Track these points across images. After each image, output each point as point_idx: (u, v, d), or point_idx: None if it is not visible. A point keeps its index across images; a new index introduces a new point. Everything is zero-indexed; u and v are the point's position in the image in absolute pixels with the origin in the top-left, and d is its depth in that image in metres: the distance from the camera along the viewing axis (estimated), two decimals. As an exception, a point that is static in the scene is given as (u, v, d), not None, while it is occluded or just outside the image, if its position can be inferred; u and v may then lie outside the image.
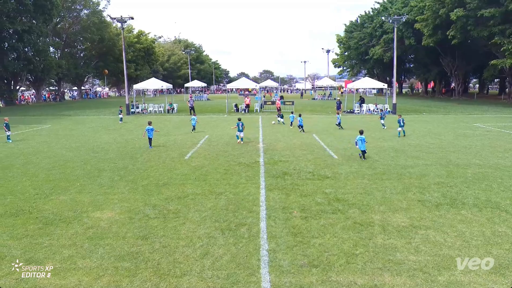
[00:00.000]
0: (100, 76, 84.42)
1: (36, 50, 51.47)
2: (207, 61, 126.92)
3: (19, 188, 10.67)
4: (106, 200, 9.50)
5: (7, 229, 7.65)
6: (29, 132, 23.20)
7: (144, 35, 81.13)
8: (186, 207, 8.92)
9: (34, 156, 15.40)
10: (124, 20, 36.80)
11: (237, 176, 11.68)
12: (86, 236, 7.32)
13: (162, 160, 14.20)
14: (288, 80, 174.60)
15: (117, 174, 12.10)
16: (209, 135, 20.87)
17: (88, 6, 66.24)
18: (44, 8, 47.90)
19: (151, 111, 38.61)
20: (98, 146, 17.67)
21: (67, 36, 65.95)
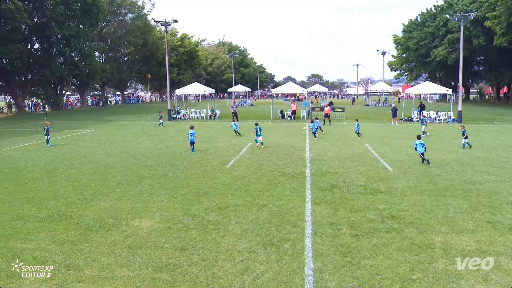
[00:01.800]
0: (142, 80, 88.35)
1: (82, 55, 55.03)
2: (251, 65, 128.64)
3: (62, 192, 11.38)
4: (145, 208, 9.86)
5: (49, 234, 8.17)
6: (73, 137, 24.72)
7: (188, 38, 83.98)
8: (227, 218, 9.02)
9: (77, 161, 16.38)
10: (168, 23, 38.37)
11: (281, 188, 11.65)
12: (124, 244, 7.62)
13: (203, 168, 14.51)
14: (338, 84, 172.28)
15: (157, 182, 12.53)
16: (252, 143, 21.04)
17: (133, 10, 69.88)
18: (90, 13, 51.20)
19: (192, 116, 39.70)
20: (139, 152, 18.44)
21: (112, 41, 69.89)
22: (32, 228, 8.52)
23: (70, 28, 49.58)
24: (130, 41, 70.73)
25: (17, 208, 9.90)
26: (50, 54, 51.37)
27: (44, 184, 12.39)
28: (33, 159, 16.82)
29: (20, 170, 14.58)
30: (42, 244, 7.66)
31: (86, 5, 49.53)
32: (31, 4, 44.38)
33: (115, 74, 69.17)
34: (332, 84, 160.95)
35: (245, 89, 71.27)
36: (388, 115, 36.62)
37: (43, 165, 15.59)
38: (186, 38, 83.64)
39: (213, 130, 27.62)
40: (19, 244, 7.66)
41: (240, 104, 62.08)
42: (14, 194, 11.28)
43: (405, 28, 76.28)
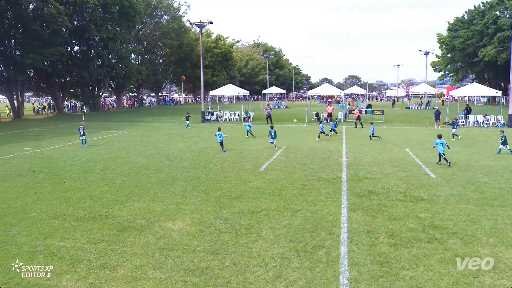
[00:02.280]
0: (177, 82, 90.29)
1: (119, 57, 57.05)
2: (287, 66, 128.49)
3: (98, 192, 11.81)
4: (178, 210, 10.05)
5: (85, 233, 8.50)
6: (109, 138, 25.63)
7: (222, 40, 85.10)
8: (259, 223, 9.04)
9: (112, 161, 16.96)
10: (203, 24, 39.05)
11: (316, 193, 11.54)
12: (157, 246, 7.80)
13: (236, 171, 14.62)
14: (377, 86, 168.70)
15: (190, 184, 12.75)
16: (287, 146, 20.98)
17: (169, 12, 71.65)
18: (128, 15, 52.98)
19: (226, 118, 40.12)
20: (172, 154, 18.84)
21: (148, 43, 71.96)
22: (69, 227, 8.90)
23: (108, 30, 51.50)
24: (166, 43, 72.51)
25: (55, 207, 10.38)
26: (88, 56, 53.59)
27: (81, 184, 12.91)
28: (71, 159, 17.58)
29: (58, 170, 15.28)
30: (78, 243, 7.99)
31: (124, 8, 51.27)
32: (72, 8, 46.44)
33: (150, 76, 71.10)
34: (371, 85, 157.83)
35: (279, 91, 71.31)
36: (430, 119, 35.46)
37: (80, 165, 16.26)
38: (221, 39, 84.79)
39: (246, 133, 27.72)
40: (57, 242, 8.02)
41: (274, 106, 62.13)
42: (52, 193, 11.83)
43: (450, 27, 73.60)
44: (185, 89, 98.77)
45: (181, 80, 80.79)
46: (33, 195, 11.59)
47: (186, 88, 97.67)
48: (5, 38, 44.64)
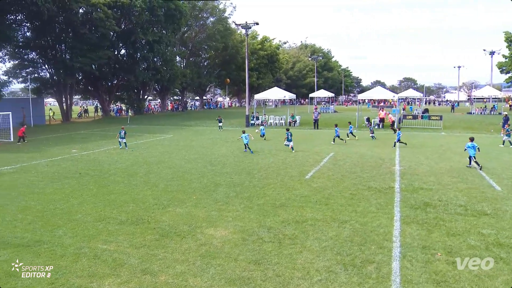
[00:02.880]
0: (221, 85, 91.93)
1: (164, 60, 59.04)
2: (336, 68, 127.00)
3: (141, 196, 12.23)
4: (220, 217, 10.18)
5: (128, 237, 8.82)
6: (153, 141, 26.50)
7: (268, 41, 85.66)
8: (304, 233, 8.95)
9: (156, 165, 17.52)
10: (248, 26, 39.54)
11: (366, 203, 11.27)
12: (198, 253, 7.94)
13: (281, 178, 14.60)
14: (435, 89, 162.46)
15: (233, 190, 12.88)
16: (335, 152, 20.68)
17: (214, 14, 73.24)
18: (173, 18, 54.76)
19: (271, 123, 40.23)
20: (215, 159, 19.15)
21: (193, 45, 73.90)
22: (112, 230, 9.28)
23: (154, 33, 53.49)
24: (211, 45, 74.13)
25: (99, 210, 10.86)
26: (134, 60, 55.91)
27: (125, 187, 13.43)
28: (116, 162, 18.35)
29: (103, 173, 16.00)
30: (121, 246, 8.30)
31: (170, 11, 53.06)
32: (119, 11, 48.73)
33: (194, 79, 72.86)
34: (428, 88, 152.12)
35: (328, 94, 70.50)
36: (496, 125, 33.58)
37: (124, 168, 16.93)
38: (267, 41, 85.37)
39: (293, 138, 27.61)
40: (100, 245, 8.38)
41: (322, 110, 61.55)
42: (97, 195, 12.40)
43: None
44: (230, 92, 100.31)
45: (226, 83, 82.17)
46: (79, 197, 12.21)
47: (231, 91, 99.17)
48: (56, 42, 47.62)
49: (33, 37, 46.76)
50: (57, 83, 49.06)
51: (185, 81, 69.66)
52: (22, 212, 10.69)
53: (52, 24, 43.71)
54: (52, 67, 48.92)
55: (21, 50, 47.36)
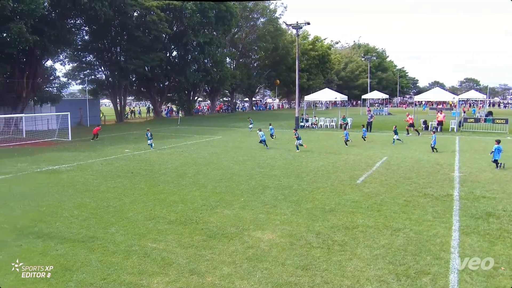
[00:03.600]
0: (271, 86, 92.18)
1: (214, 61, 60.22)
2: (390, 68, 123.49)
3: (190, 197, 12.54)
4: (268, 220, 10.21)
5: (176, 237, 9.07)
6: (202, 143, 27.08)
7: (320, 41, 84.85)
8: (355, 240, 8.77)
9: (204, 166, 17.89)
10: (299, 26, 39.42)
11: (421, 211, 10.85)
12: (245, 255, 8.01)
13: (330, 182, 14.40)
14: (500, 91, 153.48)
15: (281, 193, 12.88)
16: (388, 156, 20.09)
17: (265, 14, 73.69)
18: (224, 20, 55.73)
19: (321, 125, 39.80)
20: (264, 161, 19.24)
21: (243, 46, 74.77)
22: (162, 229, 9.58)
23: (205, 35, 54.69)
24: (261, 46, 74.61)
25: (149, 209, 11.26)
26: (185, 61, 57.47)
27: (174, 188, 13.83)
28: (166, 163, 18.94)
29: (154, 172, 16.57)
30: (169, 246, 8.55)
31: (220, 12, 54.06)
32: (172, 14, 50.32)
33: (244, 80, 73.65)
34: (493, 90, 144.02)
35: (382, 96, 68.72)
36: None
37: (174, 168, 17.43)
38: (318, 41, 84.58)
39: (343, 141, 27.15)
40: (150, 243, 8.68)
41: (375, 112, 60.06)
42: (148, 195, 12.86)
43: None
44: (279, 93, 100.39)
45: (275, 84, 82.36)
46: (130, 196, 12.73)
47: (280, 93, 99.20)
48: (112, 45, 50.11)
49: (91, 40, 49.45)
50: (112, 84, 51.56)
51: (234, 83, 70.62)
52: (78, 209, 11.31)
53: (108, 28, 45.95)
54: (107, 69, 51.55)
55: (79, 53, 50.31)
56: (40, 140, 29.49)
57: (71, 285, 6.85)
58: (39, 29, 31.23)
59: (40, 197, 12.71)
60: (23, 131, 33.62)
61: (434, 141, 21.68)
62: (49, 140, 29.64)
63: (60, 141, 29.15)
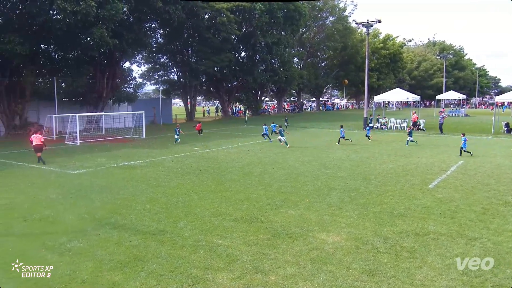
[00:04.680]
0: (339, 86, 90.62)
1: (282, 61, 60.47)
2: (469, 67, 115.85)
3: (255, 196, 12.69)
4: (333, 222, 10.05)
5: (241, 234, 9.22)
6: (268, 142, 27.24)
7: (391, 40, 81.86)
8: (425, 247, 8.35)
9: (270, 166, 18.01)
10: (370, 24, 38.30)
11: (501, 220, 10.07)
12: (309, 257, 7.94)
13: (400, 186, 13.85)
14: None
15: (347, 195, 12.61)
16: (464, 160, 18.89)
17: (334, 13, 72.51)
18: (292, 19, 55.69)
19: (391, 126, 38.39)
20: (330, 162, 18.95)
21: (311, 46, 74.17)
22: (227, 226, 9.80)
23: (273, 35, 55.04)
24: (329, 46, 73.60)
25: (216, 206, 11.56)
26: (253, 62, 58.26)
27: (240, 186, 14.08)
28: (233, 161, 19.33)
29: (221, 170, 16.99)
30: (234, 243, 8.72)
31: (289, 12, 54.09)
32: (241, 15, 51.27)
33: (311, 80, 73.09)
34: None
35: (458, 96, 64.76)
36: None
37: (241, 167, 17.74)
38: (390, 39, 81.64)
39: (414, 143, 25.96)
40: (216, 239, 8.91)
41: (451, 113, 56.81)
42: (215, 192, 13.22)
43: None
44: (347, 93, 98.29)
45: (344, 84, 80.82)
46: (198, 193, 13.15)
47: (349, 93, 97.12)
48: (184, 46, 52.17)
49: (165, 42, 51.85)
50: (183, 84, 53.69)
51: (302, 82, 70.36)
52: (149, 203, 11.91)
53: (181, 30, 47.85)
54: (179, 70, 53.82)
55: (154, 54, 53.03)
56: (117, 137, 31.45)
57: (142, 275, 7.22)
58: (118, 33, 33.28)
59: (117, 190, 13.56)
60: (103, 129, 36.12)
61: (464, 144, 20.53)
62: (125, 137, 31.51)
63: (135, 139, 30.87)
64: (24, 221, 10.36)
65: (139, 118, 34.48)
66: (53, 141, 29.25)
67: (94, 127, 35.37)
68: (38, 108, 36.42)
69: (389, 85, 78.90)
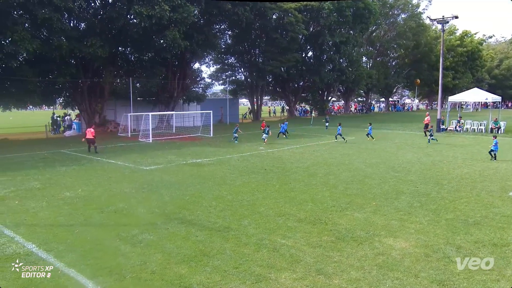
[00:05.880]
0: (411, 86, 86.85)
1: (350, 61, 59.24)
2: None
3: (319, 197, 12.55)
4: (401, 227, 9.66)
5: (305, 235, 9.16)
6: (333, 143, 26.80)
7: (469, 36, 76.80)
8: (504, 259, 7.76)
9: (335, 167, 17.71)
10: (446, 20, 36.33)
11: None
12: (375, 262, 7.70)
13: (476, 192, 12.97)
14: None
15: (417, 200, 12.05)
16: (552, 167, 17.27)
17: (407, 10, 69.65)
18: (362, 18, 54.28)
19: (467, 129, 36.07)
20: (399, 165, 18.22)
21: (381, 44, 71.83)
22: (291, 226, 9.78)
23: (341, 34, 54.08)
24: (400, 44, 70.86)
25: (280, 205, 11.59)
26: (320, 61, 57.64)
27: (305, 187, 13.98)
28: (297, 161, 19.26)
29: (286, 170, 16.99)
30: (298, 243, 8.68)
31: (358, 10, 52.79)
32: (309, 15, 50.93)
33: (381, 80, 70.85)
34: None
35: (546, 97, 59.27)
36: None
37: (305, 168, 17.62)
38: (467, 36, 76.65)
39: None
40: (279, 239, 8.93)
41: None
42: (279, 192, 13.25)
43: None
44: (419, 93, 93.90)
45: (416, 84, 77.28)
46: (263, 192, 13.27)
47: (421, 93, 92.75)
48: (251, 47, 52.90)
49: (233, 43, 52.95)
50: (250, 85, 54.48)
51: (370, 82, 68.45)
52: (215, 200, 12.22)
53: (249, 31, 48.61)
54: (247, 70, 54.69)
55: (222, 55, 54.33)
56: (186, 135, 32.66)
57: (207, 270, 7.43)
58: (189, 35, 34.54)
59: (185, 186, 14.07)
60: (173, 127, 37.69)
61: (495, 147, 19.12)
62: (194, 136, 32.62)
63: (203, 137, 31.84)
64: (101, 212, 11.10)
65: (207, 117, 35.54)
66: (128, 138, 31.08)
67: (165, 125, 37.02)
68: (115, 107, 38.94)
69: (466, 84, 74.20)
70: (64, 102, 39.77)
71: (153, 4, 28.46)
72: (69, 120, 38.46)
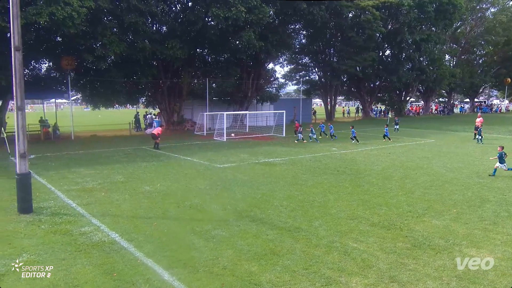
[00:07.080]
0: (499, 86, 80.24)
1: (431, 59, 56.06)
2: None
3: (395, 201, 12.05)
4: (485, 237, 8.98)
5: (378, 240, 8.86)
6: (411, 145, 25.60)
7: None
8: None
9: (413, 171, 16.89)
10: (543, 13, 33.00)
11: None
12: (455, 273, 7.24)
13: None
14: None
15: (505, 209, 11.12)
16: None
17: (497, 3, 64.43)
18: (445, 13, 51.08)
19: None
20: (485, 170, 16.91)
21: (466, 41, 67.16)
22: (363, 230, 9.51)
23: (422, 32, 51.39)
24: (489, 40, 65.62)
25: (353, 208, 11.31)
26: (398, 60, 55.22)
27: (379, 190, 13.51)
28: (372, 164, 18.66)
29: (359, 173, 16.54)
30: (370, 248, 8.41)
31: (441, 6, 49.72)
32: (387, 12, 49.07)
33: (465, 79, 66.32)
34: None
35: None
36: None
37: (380, 170, 17.02)
38: None
39: None
40: (351, 242, 8.72)
41: None
42: (352, 194, 12.94)
43: None
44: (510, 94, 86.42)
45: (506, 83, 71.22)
46: (335, 193, 13.04)
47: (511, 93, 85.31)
48: (326, 47, 52.24)
49: (307, 43, 52.64)
50: (324, 84, 53.83)
51: (453, 82, 64.25)
52: (286, 200, 12.24)
53: (324, 30, 48.00)
54: (321, 70, 54.13)
55: (296, 56, 54.26)
56: (259, 134, 33.08)
57: (277, 269, 7.47)
58: (264, 35, 34.91)
59: (257, 185, 14.27)
60: (247, 126, 38.36)
61: None
62: (267, 135, 32.94)
63: (276, 137, 32.03)
64: (178, 207, 11.63)
65: (280, 117, 35.68)
66: (203, 137, 32.19)
67: (239, 124, 37.80)
68: (192, 106, 40.53)
69: None
70: (146, 102, 42.25)
71: (230, 6, 29.16)
72: (150, 119, 40.85)
